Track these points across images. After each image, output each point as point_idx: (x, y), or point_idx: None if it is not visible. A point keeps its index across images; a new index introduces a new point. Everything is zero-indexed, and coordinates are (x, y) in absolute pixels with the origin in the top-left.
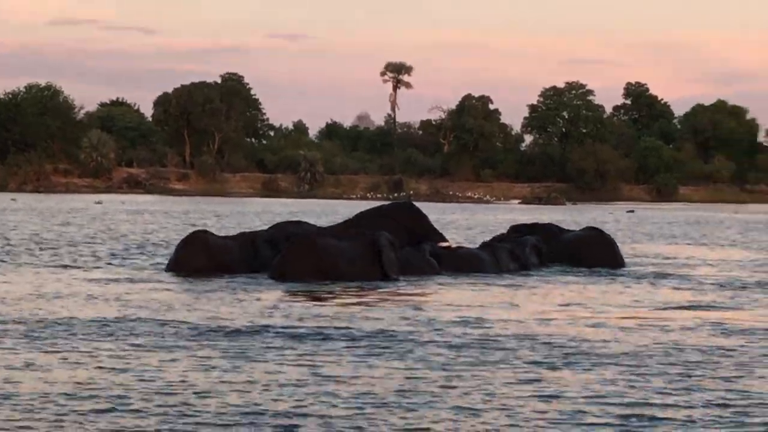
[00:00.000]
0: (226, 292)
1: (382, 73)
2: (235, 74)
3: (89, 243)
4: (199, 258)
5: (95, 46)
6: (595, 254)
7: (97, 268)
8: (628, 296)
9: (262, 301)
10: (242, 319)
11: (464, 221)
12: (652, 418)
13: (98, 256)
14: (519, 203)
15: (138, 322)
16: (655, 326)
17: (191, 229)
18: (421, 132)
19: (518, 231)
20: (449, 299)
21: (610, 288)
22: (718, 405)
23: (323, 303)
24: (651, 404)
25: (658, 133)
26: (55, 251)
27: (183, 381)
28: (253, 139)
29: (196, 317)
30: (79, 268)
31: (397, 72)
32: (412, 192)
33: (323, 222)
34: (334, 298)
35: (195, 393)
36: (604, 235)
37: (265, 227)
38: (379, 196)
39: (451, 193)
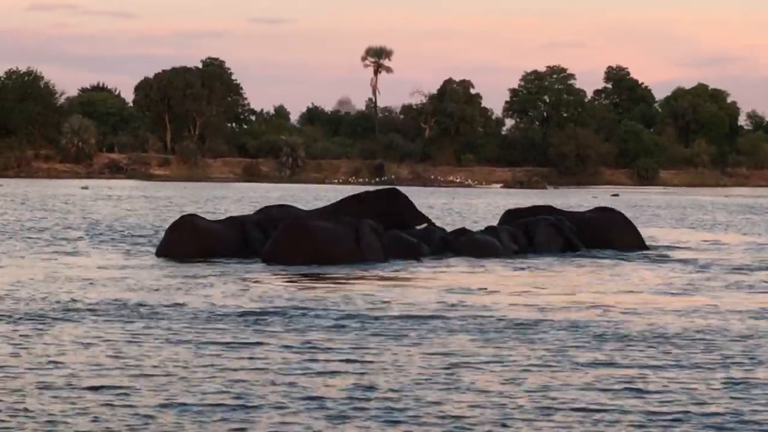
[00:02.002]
0: (221, 277)
1: (363, 58)
2: (215, 59)
3: (79, 228)
4: (189, 242)
5: (75, 31)
6: (621, 235)
7: (89, 252)
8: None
9: (258, 285)
10: (244, 303)
11: (454, 206)
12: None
13: (89, 240)
14: (500, 187)
15: (135, 307)
16: None
17: (180, 213)
18: (402, 116)
19: (515, 215)
20: (433, 281)
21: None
22: None
23: (316, 286)
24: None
25: (639, 117)
26: (48, 237)
27: (189, 366)
28: (234, 124)
29: (197, 302)
30: (72, 254)
31: (377, 56)
32: (393, 176)
33: (304, 207)
34: (328, 281)
35: (205, 377)
36: (625, 216)
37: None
38: (360, 180)
39: (432, 177)
